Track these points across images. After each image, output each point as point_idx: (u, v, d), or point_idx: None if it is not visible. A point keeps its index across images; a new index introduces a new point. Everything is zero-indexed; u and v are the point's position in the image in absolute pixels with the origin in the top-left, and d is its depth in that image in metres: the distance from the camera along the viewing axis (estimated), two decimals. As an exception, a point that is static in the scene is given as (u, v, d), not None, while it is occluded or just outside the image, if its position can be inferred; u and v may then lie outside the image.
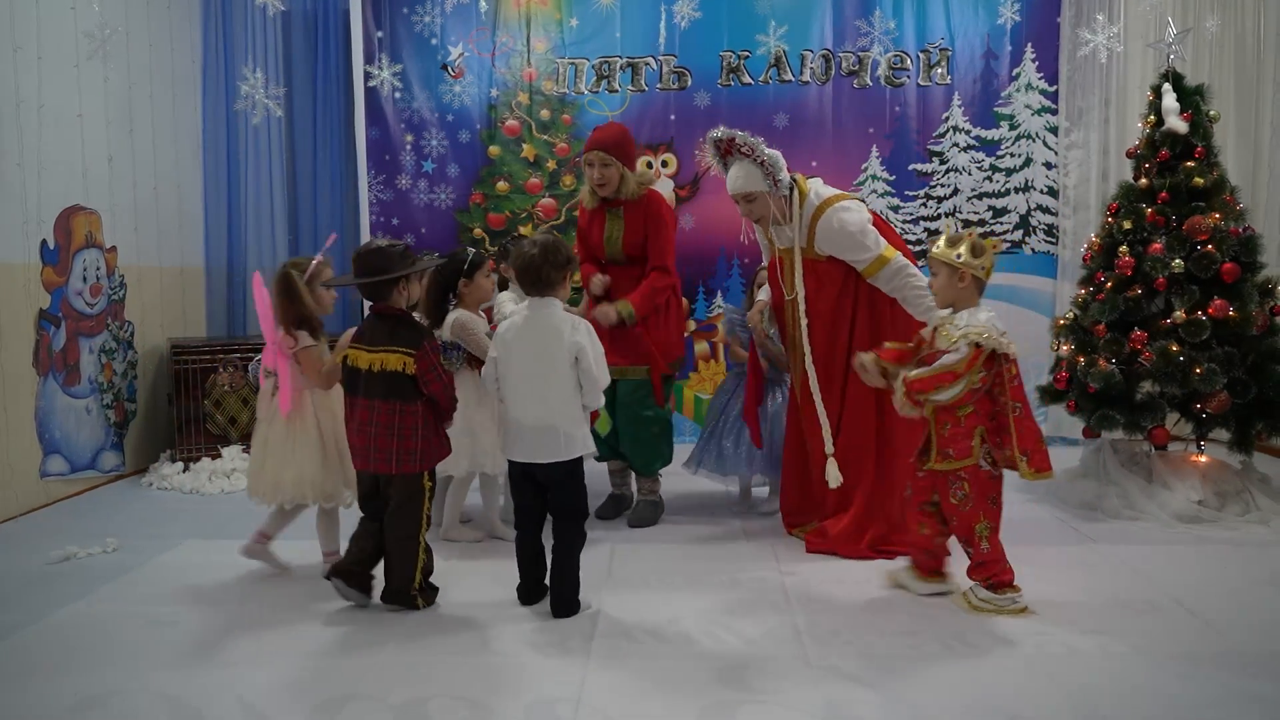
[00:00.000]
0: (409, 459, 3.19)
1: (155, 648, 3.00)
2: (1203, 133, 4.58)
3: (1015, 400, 3.17)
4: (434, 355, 3.22)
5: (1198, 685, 2.70)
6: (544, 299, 3.23)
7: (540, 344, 3.19)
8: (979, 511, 3.24)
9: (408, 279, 3.28)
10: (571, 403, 3.21)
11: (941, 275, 3.25)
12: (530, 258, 3.21)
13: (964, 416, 3.20)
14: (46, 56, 4.77)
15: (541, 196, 6.31)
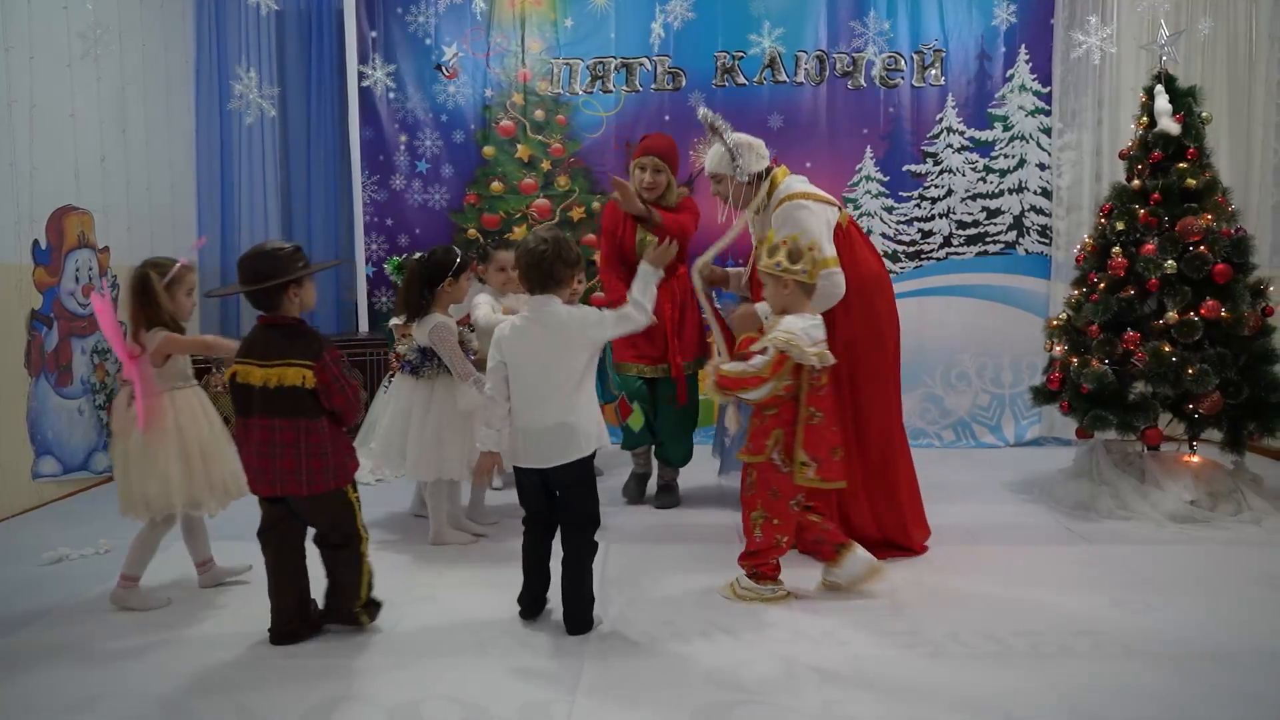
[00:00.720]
0: (322, 477, 2.95)
1: (147, 650, 2.99)
2: (1195, 134, 4.60)
3: (816, 408, 3.27)
4: (336, 366, 2.94)
5: (1191, 685, 2.71)
6: (546, 296, 3.07)
7: (550, 341, 3.03)
8: (757, 500, 3.36)
9: (300, 283, 2.98)
10: (588, 398, 3.09)
11: (768, 285, 3.35)
12: (540, 254, 3.02)
13: (768, 417, 3.32)
14: (39, 56, 4.75)
15: (536, 197, 6.30)
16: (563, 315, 3.04)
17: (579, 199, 6.29)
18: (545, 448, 3.05)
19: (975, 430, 6.22)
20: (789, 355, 3.18)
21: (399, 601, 3.32)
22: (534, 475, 3.11)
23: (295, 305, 2.99)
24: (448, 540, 4.11)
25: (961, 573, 3.67)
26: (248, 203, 6.28)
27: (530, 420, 3.05)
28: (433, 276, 4.00)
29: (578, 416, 3.04)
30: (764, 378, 3.20)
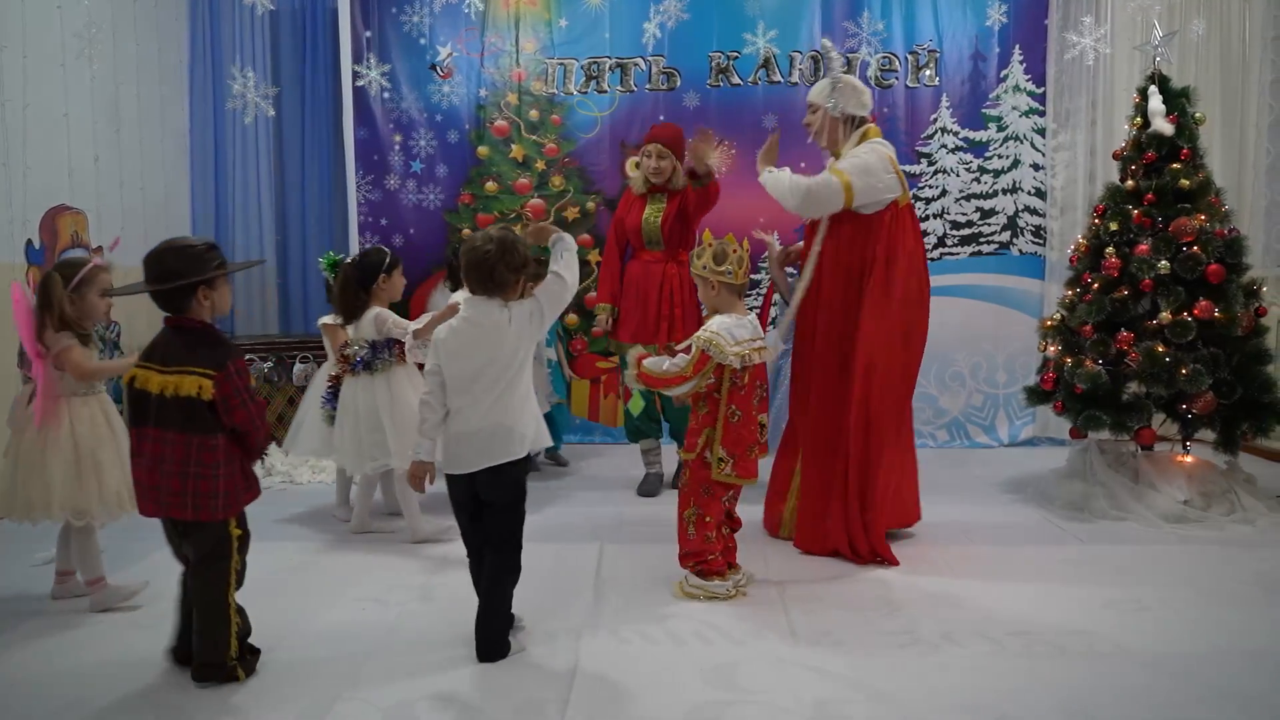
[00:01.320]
0: (208, 504, 2.64)
1: (140, 650, 2.98)
2: (1188, 135, 4.61)
3: (735, 406, 3.34)
4: (241, 378, 2.67)
5: (1184, 684, 2.72)
6: (489, 300, 2.90)
7: (486, 342, 2.87)
8: (689, 498, 3.42)
9: (212, 285, 2.73)
10: (526, 400, 2.96)
11: (699, 287, 3.49)
12: (484, 254, 2.86)
13: (700, 415, 3.40)
14: (32, 55, 4.74)
15: (530, 197, 6.30)
16: (497, 316, 2.89)
17: (573, 199, 6.29)
18: (476, 450, 2.88)
19: (969, 430, 6.23)
20: (710, 355, 3.25)
21: (393, 601, 3.32)
22: (464, 486, 2.92)
23: (206, 309, 2.72)
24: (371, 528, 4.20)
25: (955, 573, 3.68)
26: (241, 202, 6.28)
27: (464, 424, 2.90)
28: (366, 277, 4.13)
29: (512, 418, 2.91)
30: (686, 376, 3.29)
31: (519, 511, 2.96)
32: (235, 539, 2.73)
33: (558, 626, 3.15)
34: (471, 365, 2.88)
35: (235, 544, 2.73)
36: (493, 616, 2.93)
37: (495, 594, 2.94)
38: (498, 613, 2.94)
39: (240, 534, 2.75)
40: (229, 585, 2.72)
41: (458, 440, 2.92)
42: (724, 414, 3.34)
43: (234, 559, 2.73)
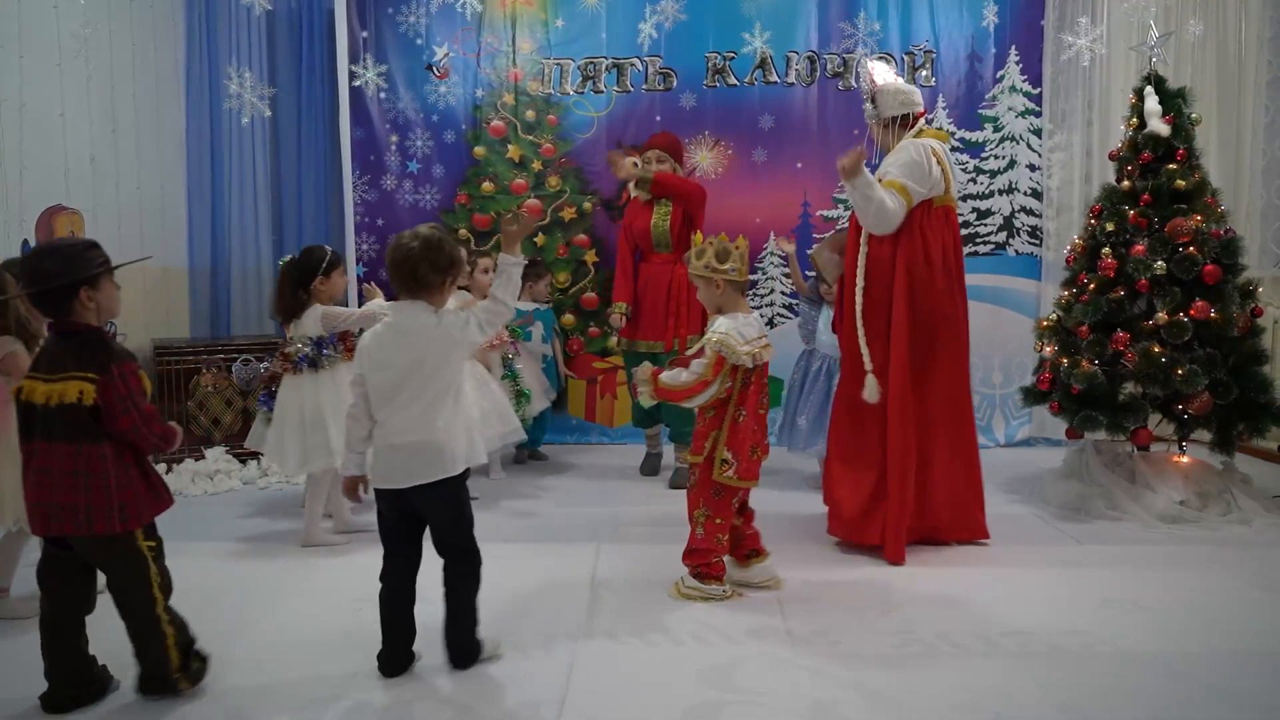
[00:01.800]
0: (104, 516, 2.46)
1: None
2: (1185, 135, 4.62)
3: (741, 407, 3.33)
4: (125, 383, 2.49)
5: (1180, 684, 2.72)
6: (415, 303, 2.76)
7: (410, 349, 2.72)
8: (699, 499, 3.40)
9: (95, 285, 2.53)
10: (454, 414, 2.76)
11: (701, 287, 3.42)
12: (408, 251, 2.72)
13: (708, 419, 3.37)
14: (28, 55, 4.73)
15: (527, 197, 6.30)
16: (423, 320, 2.74)
17: (570, 199, 6.28)
18: (405, 465, 2.72)
19: (966, 430, 6.23)
20: (724, 356, 3.23)
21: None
22: (393, 501, 2.77)
23: (91, 311, 2.53)
24: (320, 541, 4.11)
25: (952, 573, 3.68)
26: (238, 202, 6.26)
27: (390, 437, 2.74)
28: (305, 276, 4.11)
29: (442, 433, 2.72)
30: (707, 381, 3.27)
31: (465, 519, 2.83)
32: (147, 551, 2.56)
33: (554, 627, 3.14)
34: (394, 373, 2.72)
35: (149, 556, 2.56)
36: (460, 622, 2.83)
37: (460, 601, 2.82)
38: (465, 618, 2.83)
39: (152, 545, 2.58)
40: (155, 600, 2.57)
41: (385, 454, 2.75)
42: (730, 415, 3.33)
43: (151, 571, 2.57)
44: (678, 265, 5.12)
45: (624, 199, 6.23)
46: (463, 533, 2.82)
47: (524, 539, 4.21)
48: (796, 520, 4.43)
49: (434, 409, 2.72)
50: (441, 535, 2.81)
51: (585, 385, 6.37)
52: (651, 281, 5.26)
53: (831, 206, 6.20)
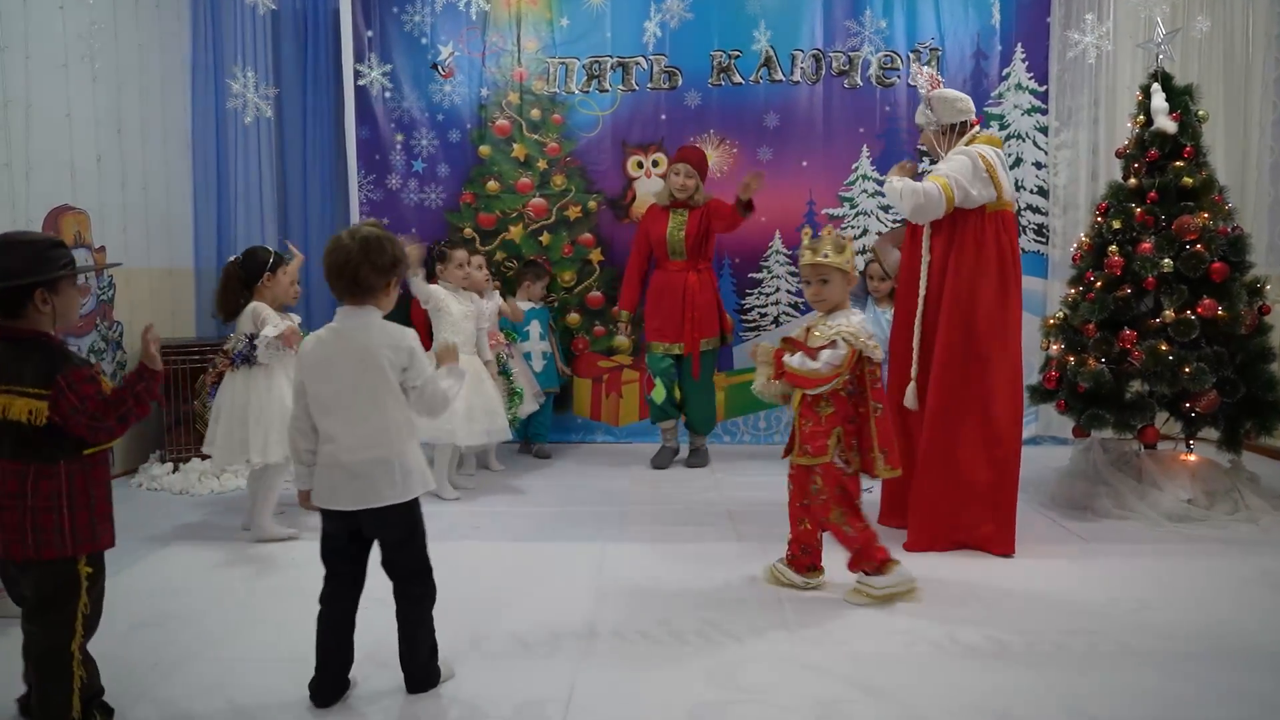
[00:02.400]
0: (51, 540, 2.26)
1: (144, 649, 2.98)
2: (1191, 132, 4.60)
3: (876, 401, 3.32)
4: (75, 391, 2.26)
5: (1185, 683, 2.71)
6: (361, 308, 2.56)
7: (356, 359, 2.52)
8: (830, 504, 3.34)
9: (55, 289, 2.32)
10: (405, 427, 2.58)
11: (836, 281, 3.31)
12: (346, 254, 2.51)
13: (825, 416, 3.31)
14: (35, 56, 4.74)
15: (532, 196, 6.30)
16: (370, 330, 2.55)
17: (575, 198, 6.28)
18: (351, 486, 2.52)
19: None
20: (855, 349, 3.21)
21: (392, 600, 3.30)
22: (339, 522, 2.57)
23: (47, 315, 2.32)
24: (272, 535, 4.13)
25: (958, 571, 3.67)
26: (243, 202, 6.27)
27: (336, 452, 2.53)
28: (250, 275, 4.13)
29: (395, 451, 2.54)
30: (840, 372, 3.22)
31: (418, 539, 2.65)
32: (84, 579, 2.31)
33: (560, 625, 3.14)
34: (339, 385, 2.53)
35: (84, 584, 2.31)
36: (418, 648, 2.67)
37: (415, 626, 2.66)
38: (423, 643, 2.68)
39: (91, 572, 2.33)
40: (74, 634, 2.31)
41: (331, 472, 2.54)
42: (872, 412, 3.30)
43: (81, 601, 2.31)
44: (691, 272, 5.48)
45: (629, 199, 6.24)
46: (414, 554, 2.63)
47: (530, 538, 4.21)
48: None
49: (385, 425, 2.53)
50: (392, 557, 2.62)
51: (590, 384, 6.37)
52: (669, 287, 5.52)
53: (837, 205, 6.19)
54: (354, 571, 2.63)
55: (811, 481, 3.35)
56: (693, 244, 5.49)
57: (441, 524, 4.39)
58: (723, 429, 6.26)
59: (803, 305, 6.25)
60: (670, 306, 5.50)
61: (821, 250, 3.29)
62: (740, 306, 6.27)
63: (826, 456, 3.29)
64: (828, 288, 3.31)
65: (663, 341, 5.54)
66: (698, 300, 5.47)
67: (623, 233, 6.27)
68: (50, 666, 2.30)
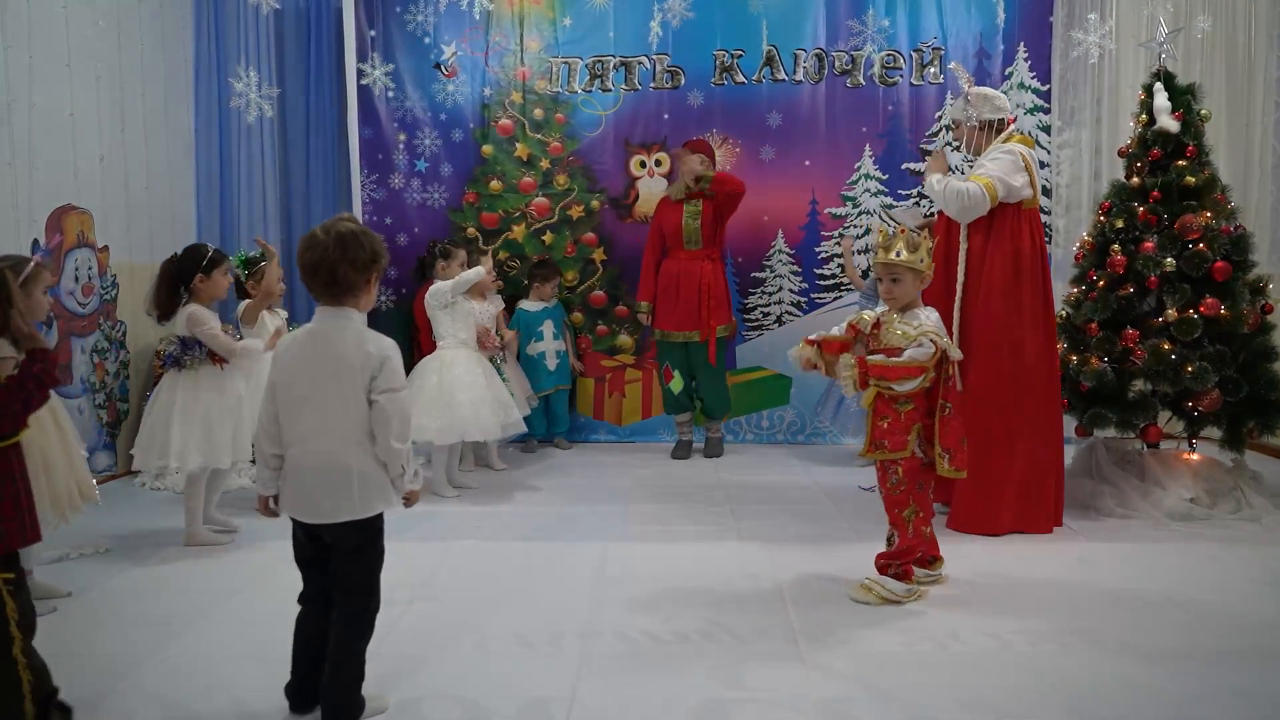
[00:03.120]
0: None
1: (147, 648, 2.99)
2: (1194, 132, 4.60)
3: (946, 401, 3.35)
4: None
5: (1189, 682, 2.71)
6: (339, 309, 2.44)
7: (325, 363, 2.41)
8: (909, 497, 3.37)
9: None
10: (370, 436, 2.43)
11: (907, 279, 3.33)
12: (322, 250, 2.38)
13: (904, 412, 3.33)
14: (38, 55, 4.75)
15: (535, 196, 6.30)
16: (346, 335, 2.42)
17: (578, 197, 6.29)
18: (314, 496, 2.41)
19: (975, 428, 6.22)
20: (941, 348, 3.27)
21: (400, 600, 3.32)
22: (307, 529, 2.48)
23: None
24: (202, 541, 4.09)
25: (960, 571, 3.67)
26: (246, 202, 6.28)
27: (300, 458, 2.43)
28: (184, 273, 4.07)
29: (356, 459, 2.41)
30: (926, 368, 3.25)
31: (371, 557, 2.49)
32: (3, 585, 2.24)
33: (563, 624, 3.15)
34: (305, 387, 2.42)
35: (5, 591, 2.24)
36: (342, 675, 2.45)
37: (343, 649, 2.45)
38: (348, 670, 2.46)
39: (9, 577, 2.26)
40: (11, 640, 2.25)
41: (294, 477, 2.44)
42: (938, 408, 3.35)
43: (9, 606, 2.24)
44: (706, 261, 5.66)
45: (631, 198, 6.24)
46: (363, 568, 2.48)
47: (532, 537, 4.22)
48: (800, 515, 4.42)
49: (348, 427, 2.40)
50: (342, 570, 2.46)
51: (593, 383, 6.37)
52: (684, 276, 5.67)
53: (839, 204, 6.19)
54: (319, 578, 2.51)
55: (893, 474, 3.37)
56: (707, 232, 5.65)
57: (443, 523, 4.41)
58: (725, 428, 6.25)
59: (805, 304, 6.26)
60: (687, 294, 5.65)
61: (895, 249, 3.33)
62: (743, 305, 6.27)
63: (906, 451, 3.33)
64: (899, 286, 3.34)
65: (678, 329, 5.69)
66: (713, 288, 5.65)
67: (626, 232, 6.28)
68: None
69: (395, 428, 2.40)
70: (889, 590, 3.34)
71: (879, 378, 3.27)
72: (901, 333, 3.30)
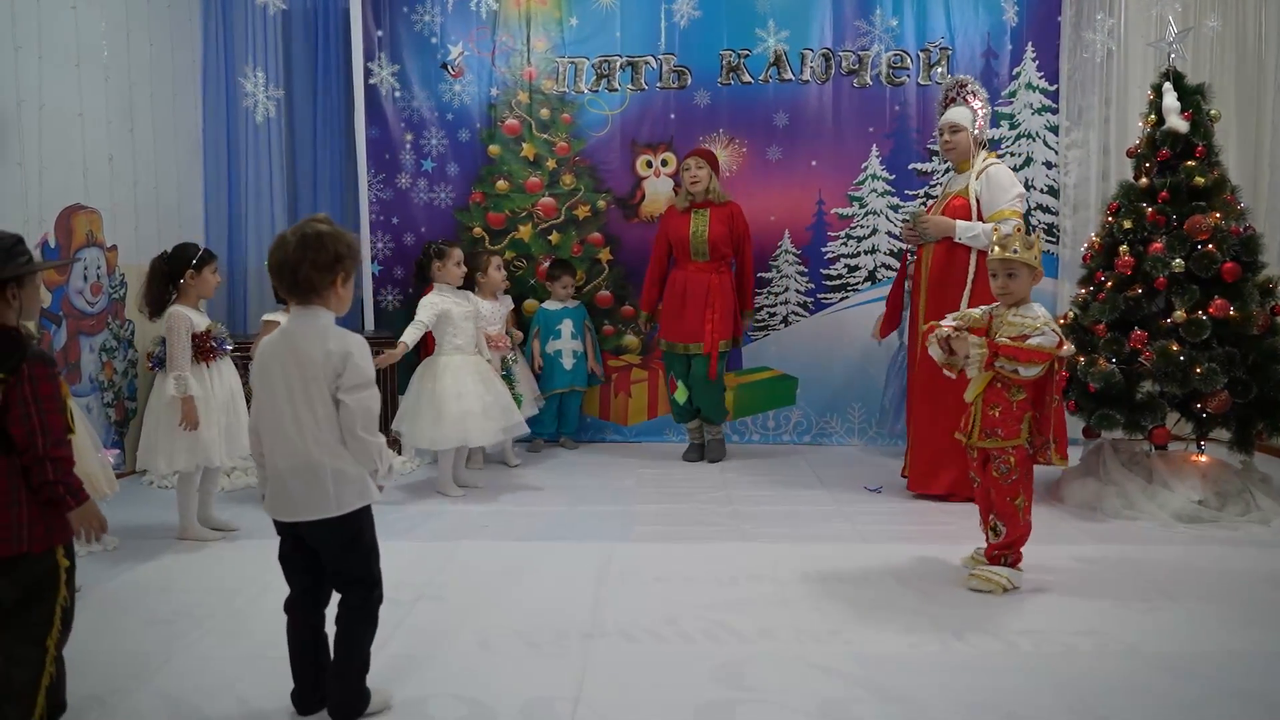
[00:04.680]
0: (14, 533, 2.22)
1: (155, 646, 3.00)
2: (1203, 132, 4.58)
3: (1056, 394, 3.46)
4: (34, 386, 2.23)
5: (1195, 684, 2.70)
6: (308, 309, 2.43)
7: (295, 363, 2.40)
8: (1019, 486, 3.46)
9: (20, 284, 2.32)
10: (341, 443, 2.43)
11: (1022, 275, 3.46)
12: (285, 250, 2.39)
13: (1016, 402, 3.44)
14: (47, 56, 4.77)
15: (541, 195, 6.30)
16: (310, 334, 2.41)
17: (584, 197, 6.28)
18: (291, 496, 2.42)
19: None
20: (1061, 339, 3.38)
21: (405, 599, 3.32)
22: (283, 528, 2.50)
23: (14, 311, 2.31)
24: (194, 536, 4.14)
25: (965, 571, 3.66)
26: (254, 201, 6.29)
27: (275, 458, 2.44)
28: (174, 271, 4.09)
29: (328, 458, 2.40)
30: (1051, 355, 3.35)
31: (361, 547, 2.50)
32: (63, 571, 2.29)
33: (567, 624, 3.15)
34: (273, 388, 2.43)
35: (63, 578, 2.29)
36: (346, 668, 2.49)
37: (347, 643, 2.48)
38: (352, 663, 2.50)
39: (70, 565, 2.32)
40: (52, 628, 2.26)
41: (272, 478, 2.46)
42: (1050, 402, 3.44)
43: (60, 595, 2.28)
44: (714, 274, 5.58)
45: (638, 198, 6.25)
46: (356, 562, 2.49)
47: (537, 537, 4.22)
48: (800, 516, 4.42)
49: (318, 428, 2.40)
50: (334, 567, 2.49)
51: (599, 385, 6.37)
52: (691, 287, 5.60)
53: (846, 204, 6.18)
54: (307, 582, 2.53)
55: (1004, 462, 3.45)
56: (714, 244, 5.56)
57: (448, 523, 4.42)
58: (731, 428, 6.25)
59: (811, 305, 6.25)
60: (694, 308, 5.58)
61: (1010, 246, 3.46)
62: (749, 306, 6.26)
63: (1019, 439, 3.43)
64: (1014, 281, 3.46)
65: (682, 341, 5.63)
66: (719, 303, 5.57)
67: (632, 232, 6.28)
68: (26, 665, 2.24)
69: (360, 422, 2.41)
70: (1005, 578, 3.45)
71: (1009, 357, 3.37)
72: (1018, 325, 3.41)
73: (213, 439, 4.06)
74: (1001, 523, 3.51)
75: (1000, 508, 3.50)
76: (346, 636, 2.49)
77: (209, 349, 4.14)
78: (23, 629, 2.25)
